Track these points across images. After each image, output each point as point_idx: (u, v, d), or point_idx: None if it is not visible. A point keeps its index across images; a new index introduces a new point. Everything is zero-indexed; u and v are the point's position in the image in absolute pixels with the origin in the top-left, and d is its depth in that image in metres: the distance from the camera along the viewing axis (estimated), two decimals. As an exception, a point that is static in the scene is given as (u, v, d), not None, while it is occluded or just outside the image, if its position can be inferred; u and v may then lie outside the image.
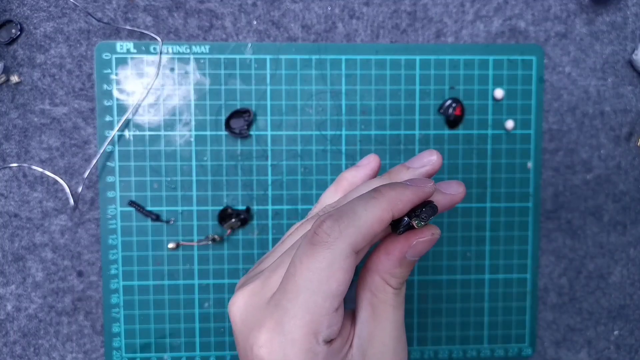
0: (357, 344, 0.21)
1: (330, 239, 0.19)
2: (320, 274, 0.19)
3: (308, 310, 0.19)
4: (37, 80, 0.37)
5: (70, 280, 0.38)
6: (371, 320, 0.22)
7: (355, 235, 0.20)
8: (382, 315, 0.22)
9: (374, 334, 0.22)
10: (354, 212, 0.20)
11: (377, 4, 0.38)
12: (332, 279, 0.19)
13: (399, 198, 0.20)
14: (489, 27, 0.39)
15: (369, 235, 0.20)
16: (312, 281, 0.19)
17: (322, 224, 0.20)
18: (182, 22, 0.37)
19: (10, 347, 0.38)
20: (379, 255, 0.22)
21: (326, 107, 0.38)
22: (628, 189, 0.40)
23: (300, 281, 0.20)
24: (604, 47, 0.39)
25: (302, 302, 0.19)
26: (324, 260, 0.19)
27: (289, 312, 0.20)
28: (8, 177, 0.37)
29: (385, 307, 0.22)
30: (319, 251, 0.19)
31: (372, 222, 0.20)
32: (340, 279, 0.20)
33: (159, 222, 0.37)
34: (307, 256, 0.20)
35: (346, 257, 0.20)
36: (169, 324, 0.38)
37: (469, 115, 0.38)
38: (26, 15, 0.37)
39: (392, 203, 0.20)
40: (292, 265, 0.20)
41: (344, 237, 0.19)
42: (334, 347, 0.21)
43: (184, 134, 0.37)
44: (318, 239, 0.20)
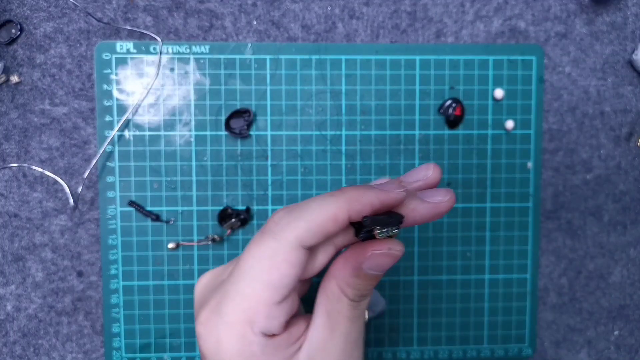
0: (306, 349, 0.21)
1: (277, 228, 0.19)
2: (262, 263, 0.19)
3: (245, 297, 0.19)
4: (37, 80, 0.37)
5: (70, 280, 0.38)
6: (324, 328, 0.21)
7: (303, 229, 0.19)
8: (335, 326, 0.21)
9: (324, 343, 0.21)
10: (307, 207, 0.19)
11: (377, 4, 0.38)
12: (273, 269, 0.19)
13: (358, 199, 0.19)
14: (489, 27, 0.39)
15: (320, 232, 0.19)
16: (254, 268, 0.19)
17: (275, 215, 0.20)
18: (182, 22, 0.37)
19: (10, 347, 0.38)
20: (337, 261, 0.21)
21: (326, 107, 0.38)
22: (628, 189, 0.40)
23: (243, 267, 0.19)
24: (604, 47, 0.39)
25: (241, 288, 0.19)
26: (268, 250, 0.19)
27: (228, 295, 0.19)
28: (8, 177, 0.37)
29: (340, 318, 0.21)
30: (266, 239, 0.19)
31: (324, 218, 0.19)
32: (283, 271, 0.19)
33: (159, 222, 0.37)
34: (255, 244, 0.19)
35: (291, 250, 0.19)
36: (169, 324, 0.38)
37: (469, 115, 0.38)
38: (26, 15, 0.37)
39: (349, 202, 0.19)
40: (243, 253, 0.20)
41: (290, 229, 0.19)
42: (276, 343, 0.20)
43: (184, 134, 0.37)
44: (267, 228, 0.19)
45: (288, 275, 0.19)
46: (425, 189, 0.22)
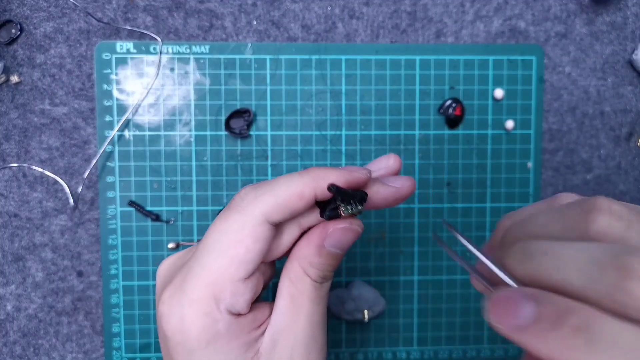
0: (269, 332, 0.20)
1: (244, 203, 0.19)
2: (229, 237, 0.19)
3: (210, 272, 0.19)
4: (37, 80, 0.37)
5: (70, 280, 0.38)
6: (287, 310, 0.21)
7: (270, 204, 0.19)
8: (299, 308, 0.21)
9: (287, 326, 0.20)
10: (275, 183, 0.20)
11: (377, 4, 0.38)
12: (239, 244, 0.19)
13: (323, 176, 0.20)
14: (489, 27, 0.39)
15: (286, 207, 0.19)
16: (220, 242, 0.19)
17: (241, 191, 0.20)
18: (182, 22, 0.37)
19: (10, 347, 0.38)
20: (300, 242, 0.21)
21: (326, 107, 0.38)
22: (628, 189, 0.40)
23: (208, 242, 0.19)
24: (604, 47, 0.39)
25: (206, 262, 0.19)
26: (235, 224, 0.19)
27: (192, 270, 0.19)
28: (8, 177, 0.37)
29: (303, 300, 0.21)
30: (231, 215, 0.19)
31: (291, 194, 0.19)
32: (249, 246, 0.19)
33: (159, 222, 0.37)
34: (220, 219, 0.19)
35: (258, 225, 0.19)
36: (169, 324, 0.38)
37: (469, 115, 0.38)
38: (26, 15, 0.37)
39: (315, 180, 0.19)
40: (208, 228, 0.20)
41: (257, 204, 0.19)
42: (241, 323, 0.20)
43: (184, 134, 0.37)
44: (233, 203, 0.19)
45: (253, 250, 0.19)
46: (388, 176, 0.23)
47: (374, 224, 0.38)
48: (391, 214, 0.38)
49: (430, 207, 0.39)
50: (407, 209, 0.38)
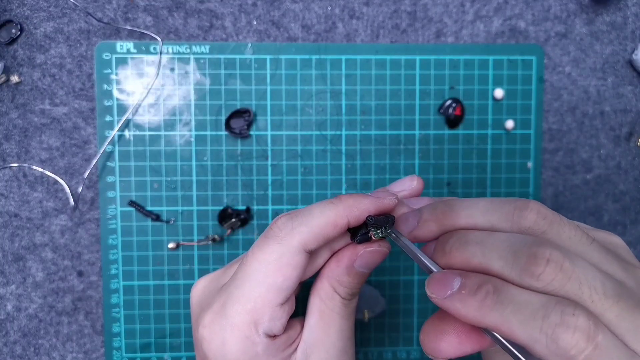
0: (302, 348, 0.22)
1: (282, 234, 0.20)
2: (268, 266, 0.20)
3: (251, 299, 0.20)
4: (37, 80, 0.37)
5: (71, 280, 0.38)
6: (318, 327, 0.22)
7: (306, 234, 0.20)
8: (329, 324, 0.22)
9: (319, 341, 0.22)
10: (309, 213, 0.21)
11: (377, 4, 0.38)
12: (278, 273, 0.20)
13: (355, 205, 0.21)
14: (489, 27, 0.39)
15: (321, 236, 0.20)
16: (259, 272, 0.20)
17: (277, 220, 0.21)
18: (182, 22, 0.37)
19: (10, 347, 0.38)
20: (330, 262, 0.22)
21: (326, 107, 0.38)
22: (628, 189, 0.40)
23: (248, 270, 0.20)
24: (604, 47, 0.39)
25: (247, 290, 0.20)
26: (273, 254, 0.20)
27: (233, 297, 0.20)
28: (8, 177, 0.37)
29: (333, 316, 0.22)
30: (270, 244, 0.20)
31: (326, 224, 0.20)
32: (287, 274, 0.20)
33: (159, 222, 0.37)
34: (258, 247, 0.21)
35: (295, 254, 0.20)
36: (169, 324, 0.38)
37: (469, 115, 0.38)
38: (26, 15, 0.37)
39: (348, 209, 0.21)
40: (245, 256, 0.21)
41: (295, 234, 0.20)
42: (277, 344, 0.21)
43: (184, 134, 0.37)
44: (271, 233, 0.21)
45: (292, 278, 0.20)
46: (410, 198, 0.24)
47: (374, 224, 0.38)
48: (391, 213, 0.38)
49: (430, 207, 0.39)
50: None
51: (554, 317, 0.15)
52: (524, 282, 0.16)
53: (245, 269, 0.20)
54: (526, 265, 0.16)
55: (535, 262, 0.16)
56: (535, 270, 0.16)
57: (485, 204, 0.19)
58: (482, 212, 0.19)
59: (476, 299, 0.16)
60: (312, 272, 0.23)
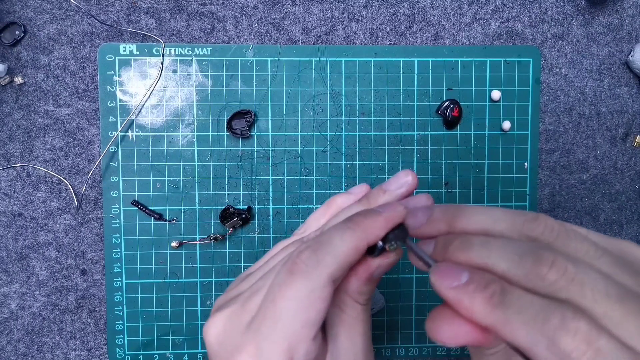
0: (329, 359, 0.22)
1: (309, 268, 0.20)
2: (300, 303, 0.20)
3: (286, 337, 0.20)
4: (41, 81, 0.37)
5: (74, 278, 0.38)
6: (342, 335, 0.23)
7: (333, 265, 0.20)
8: (354, 331, 0.23)
9: (347, 349, 0.23)
10: (330, 243, 0.21)
11: (376, 6, 0.38)
12: (311, 308, 0.20)
13: (372, 226, 0.21)
14: (486, 30, 0.39)
15: (346, 264, 0.21)
16: (291, 309, 0.20)
17: (301, 255, 0.21)
18: (184, 25, 0.38)
19: (14, 345, 0.39)
20: (348, 278, 0.23)
21: (326, 108, 0.38)
22: (624, 189, 0.41)
23: (279, 308, 0.20)
24: (600, 49, 0.40)
25: (281, 329, 0.20)
26: (304, 289, 0.20)
27: (268, 337, 0.20)
28: (12, 177, 0.38)
29: (356, 323, 0.23)
30: (298, 280, 0.20)
31: (349, 251, 0.21)
32: (319, 308, 0.20)
33: (162, 221, 0.38)
34: (287, 285, 0.20)
35: (324, 286, 0.20)
36: (172, 322, 0.38)
37: (466, 116, 0.39)
38: (30, 17, 0.37)
39: (366, 232, 0.21)
40: (270, 293, 0.21)
41: (322, 267, 0.20)
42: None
43: (187, 134, 0.38)
44: (297, 269, 0.21)
45: (323, 310, 0.21)
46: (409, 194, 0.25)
47: (373, 223, 0.39)
48: (390, 213, 0.39)
49: (429, 207, 0.39)
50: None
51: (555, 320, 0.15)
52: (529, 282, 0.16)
53: (276, 307, 0.20)
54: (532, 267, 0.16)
55: (541, 263, 0.16)
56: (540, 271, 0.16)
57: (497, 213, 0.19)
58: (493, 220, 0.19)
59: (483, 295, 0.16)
60: None
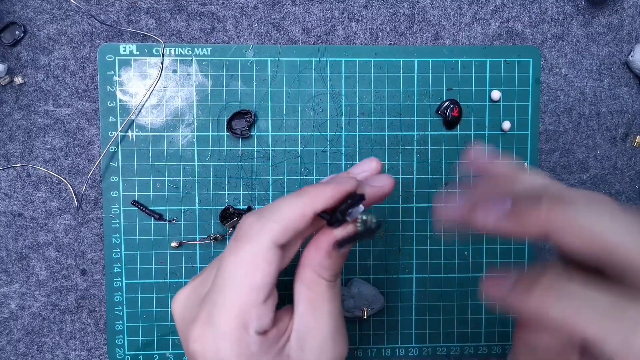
0: (294, 337, 0.22)
1: (253, 232, 0.21)
2: (244, 268, 0.20)
3: (235, 303, 0.20)
4: (40, 81, 0.37)
5: (74, 278, 0.38)
6: (308, 313, 0.22)
7: (276, 229, 0.21)
8: (318, 308, 0.22)
9: (311, 327, 0.22)
10: (276, 208, 0.21)
11: (376, 6, 0.38)
12: (255, 271, 0.20)
13: (318, 194, 0.22)
14: (486, 30, 0.39)
15: (291, 229, 0.21)
16: (237, 274, 0.20)
17: (245, 220, 0.21)
18: (184, 25, 0.38)
19: (14, 345, 0.39)
20: (309, 250, 0.23)
21: (326, 108, 0.38)
22: (624, 189, 0.41)
23: (225, 275, 0.20)
24: (600, 49, 0.40)
25: (229, 295, 0.20)
26: (247, 254, 0.20)
27: (217, 305, 0.20)
28: (12, 177, 0.38)
29: (322, 300, 0.22)
30: (242, 246, 0.21)
31: (294, 216, 0.21)
32: (265, 271, 0.20)
33: (162, 222, 0.38)
34: (231, 252, 0.21)
35: (268, 250, 0.20)
36: (172, 322, 0.38)
37: (466, 116, 0.39)
38: (30, 17, 0.37)
39: (312, 199, 0.21)
40: (219, 261, 0.22)
41: (264, 232, 0.21)
42: (269, 339, 0.21)
43: (186, 134, 0.38)
44: (240, 234, 0.21)
45: (269, 274, 0.21)
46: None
47: (373, 224, 0.39)
48: (390, 213, 0.39)
49: (429, 207, 0.39)
50: (406, 208, 0.39)
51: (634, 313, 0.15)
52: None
53: (223, 274, 0.21)
54: (627, 336, 0.15)
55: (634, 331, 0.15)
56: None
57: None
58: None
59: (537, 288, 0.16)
60: (288, 262, 0.23)
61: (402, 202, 0.39)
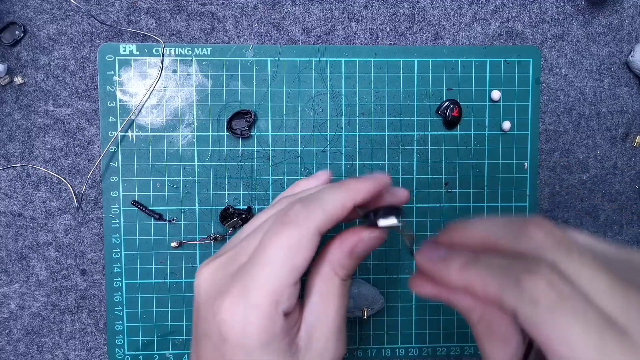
0: (304, 327, 0.23)
1: (300, 219, 0.22)
2: (289, 250, 0.21)
3: (274, 281, 0.21)
4: (40, 81, 0.37)
5: (74, 278, 0.38)
6: (319, 306, 0.24)
7: (321, 218, 0.22)
8: (329, 304, 0.24)
9: (320, 320, 0.23)
10: (320, 198, 0.23)
11: (376, 6, 0.38)
12: (298, 255, 0.22)
13: (359, 188, 0.23)
14: (486, 30, 0.39)
15: (334, 218, 0.22)
16: (281, 255, 0.21)
17: (293, 206, 0.22)
18: (184, 25, 0.38)
19: (13, 345, 0.39)
20: (332, 247, 0.24)
21: (326, 108, 0.38)
22: (624, 189, 0.41)
23: (270, 254, 0.22)
24: (600, 49, 0.40)
25: (270, 273, 0.21)
26: (293, 238, 0.22)
27: (256, 280, 0.21)
28: (12, 177, 0.38)
29: (333, 296, 0.24)
30: (290, 229, 0.22)
31: (337, 207, 0.22)
32: (305, 255, 0.22)
33: (162, 222, 0.38)
34: (277, 234, 0.22)
35: (313, 236, 0.22)
36: (172, 322, 0.38)
37: (466, 116, 0.39)
38: (30, 17, 0.37)
39: (354, 192, 0.23)
40: (262, 241, 0.22)
41: (311, 219, 0.22)
42: (289, 322, 0.22)
43: (186, 134, 0.38)
44: (288, 219, 0.22)
45: (308, 259, 0.22)
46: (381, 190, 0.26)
47: (373, 224, 0.39)
48: (390, 213, 0.39)
49: (429, 207, 0.39)
50: (406, 208, 0.39)
51: (519, 265, 0.17)
52: None
53: (266, 253, 0.22)
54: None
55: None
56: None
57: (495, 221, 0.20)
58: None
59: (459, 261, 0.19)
60: None
61: (402, 202, 0.39)
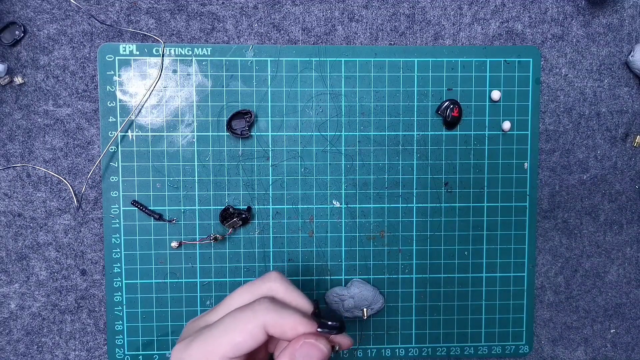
0: None
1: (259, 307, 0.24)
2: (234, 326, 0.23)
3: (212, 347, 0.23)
4: (40, 81, 0.37)
5: (74, 278, 0.38)
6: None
7: (226, 348, 0.23)
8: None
9: None
10: (223, 328, 0.23)
11: (376, 7, 0.38)
12: (238, 334, 0.23)
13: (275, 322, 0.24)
14: (486, 30, 0.39)
15: (241, 349, 0.23)
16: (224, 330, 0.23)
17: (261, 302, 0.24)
18: (184, 25, 0.38)
19: (13, 345, 0.39)
20: (283, 352, 0.24)
21: (326, 108, 0.38)
22: (624, 189, 0.41)
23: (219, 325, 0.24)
24: (600, 49, 0.40)
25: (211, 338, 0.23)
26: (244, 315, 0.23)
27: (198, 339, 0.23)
28: (12, 177, 0.38)
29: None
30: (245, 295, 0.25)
31: (241, 338, 0.23)
32: (245, 338, 0.23)
33: (162, 222, 0.38)
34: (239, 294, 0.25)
35: (259, 329, 0.23)
36: (172, 322, 0.38)
37: (466, 117, 0.39)
38: (30, 17, 0.37)
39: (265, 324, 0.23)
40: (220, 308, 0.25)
41: (218, 347, 0.23)
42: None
43: (186, 134, 0.38)
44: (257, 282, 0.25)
45: (246, 342, 0.22)
46: None
47: (373, 223, 0.39)
48: (390, 213, 0.39)
49: (429, 207, 0.39)
50: (406, 208, 0.39)
51: None
52: None
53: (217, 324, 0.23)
54: None
55: None
56: None
57: None
58: None
59: None
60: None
61: (402, 202, 0.39)
